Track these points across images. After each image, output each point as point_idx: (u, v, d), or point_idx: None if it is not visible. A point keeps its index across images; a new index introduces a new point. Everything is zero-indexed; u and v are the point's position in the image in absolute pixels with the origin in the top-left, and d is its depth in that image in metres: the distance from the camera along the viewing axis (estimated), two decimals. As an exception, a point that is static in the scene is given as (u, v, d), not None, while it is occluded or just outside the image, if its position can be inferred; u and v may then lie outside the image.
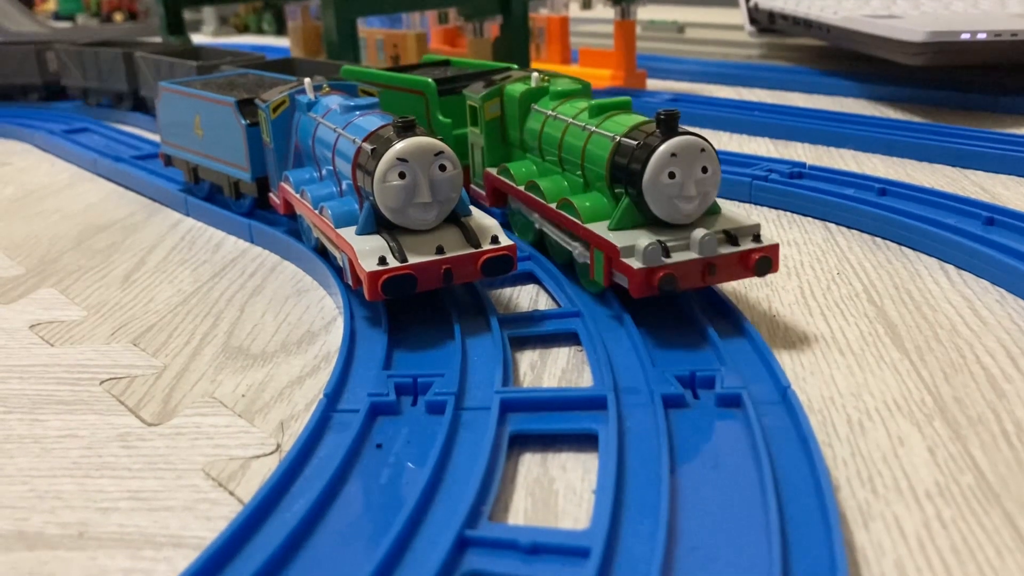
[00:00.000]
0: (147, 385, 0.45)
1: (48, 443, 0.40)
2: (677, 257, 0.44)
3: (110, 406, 0.43)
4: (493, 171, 0.60)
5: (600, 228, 0.47)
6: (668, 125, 0.45)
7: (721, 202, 0.48)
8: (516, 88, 0.58)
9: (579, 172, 0.51)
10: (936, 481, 0.34)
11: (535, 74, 0.58)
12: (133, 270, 0.62)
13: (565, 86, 0.57)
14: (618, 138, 0.47)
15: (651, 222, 0.46)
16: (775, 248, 0.46)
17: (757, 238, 0.46)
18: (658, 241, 0.44)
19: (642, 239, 0.44)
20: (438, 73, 0.72)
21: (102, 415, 0.42)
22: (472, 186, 0.63)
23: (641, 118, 0.48)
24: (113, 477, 0.37)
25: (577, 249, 0.50)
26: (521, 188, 0.56)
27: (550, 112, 0.55)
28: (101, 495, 0.36)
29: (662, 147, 0.44)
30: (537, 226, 0.56)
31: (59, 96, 1.22)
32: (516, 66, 0.67)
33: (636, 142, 0.46)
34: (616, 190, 0.48)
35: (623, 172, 0.46)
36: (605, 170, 0.48)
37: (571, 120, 0.52)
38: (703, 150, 0.45)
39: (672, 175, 0.44)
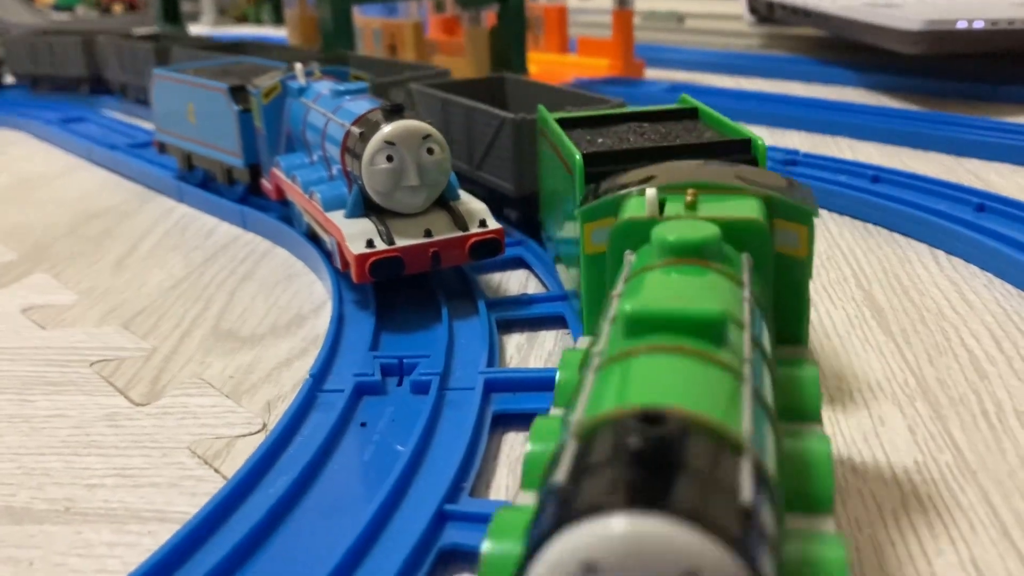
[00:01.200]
0: (136, 367, 0.45)
1: (37, 422, 0.41)
2: None
3: (99, 387, 0.43)
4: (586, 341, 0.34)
5: None
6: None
7: None
8: (627, 209, 0.33)
9: None
10: (915, 459, 0.35)
11: (650, 191, 0.32)
12: (125, 255, 0.62)
13: (684, 234, 0.28)
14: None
15: None
16: None
17: None
18: None
19: None
20: (634, 136, 0.45)
21: (91, 395, 0.43)
22: None
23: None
24: (100, 455, 0.38)
25: None
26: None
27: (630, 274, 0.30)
28: (88, 472, 0.36)
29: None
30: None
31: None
32: (760, 140, 0.42)
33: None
34: None
35: None
36: None
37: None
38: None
39: None
